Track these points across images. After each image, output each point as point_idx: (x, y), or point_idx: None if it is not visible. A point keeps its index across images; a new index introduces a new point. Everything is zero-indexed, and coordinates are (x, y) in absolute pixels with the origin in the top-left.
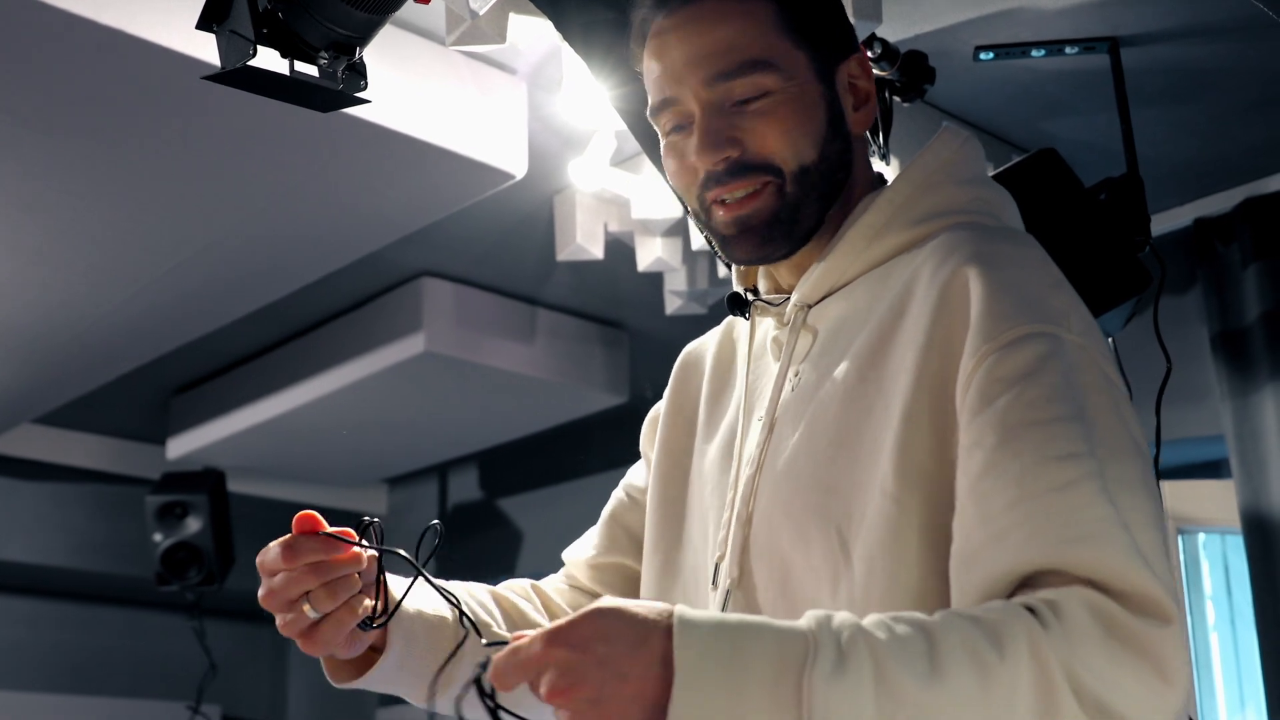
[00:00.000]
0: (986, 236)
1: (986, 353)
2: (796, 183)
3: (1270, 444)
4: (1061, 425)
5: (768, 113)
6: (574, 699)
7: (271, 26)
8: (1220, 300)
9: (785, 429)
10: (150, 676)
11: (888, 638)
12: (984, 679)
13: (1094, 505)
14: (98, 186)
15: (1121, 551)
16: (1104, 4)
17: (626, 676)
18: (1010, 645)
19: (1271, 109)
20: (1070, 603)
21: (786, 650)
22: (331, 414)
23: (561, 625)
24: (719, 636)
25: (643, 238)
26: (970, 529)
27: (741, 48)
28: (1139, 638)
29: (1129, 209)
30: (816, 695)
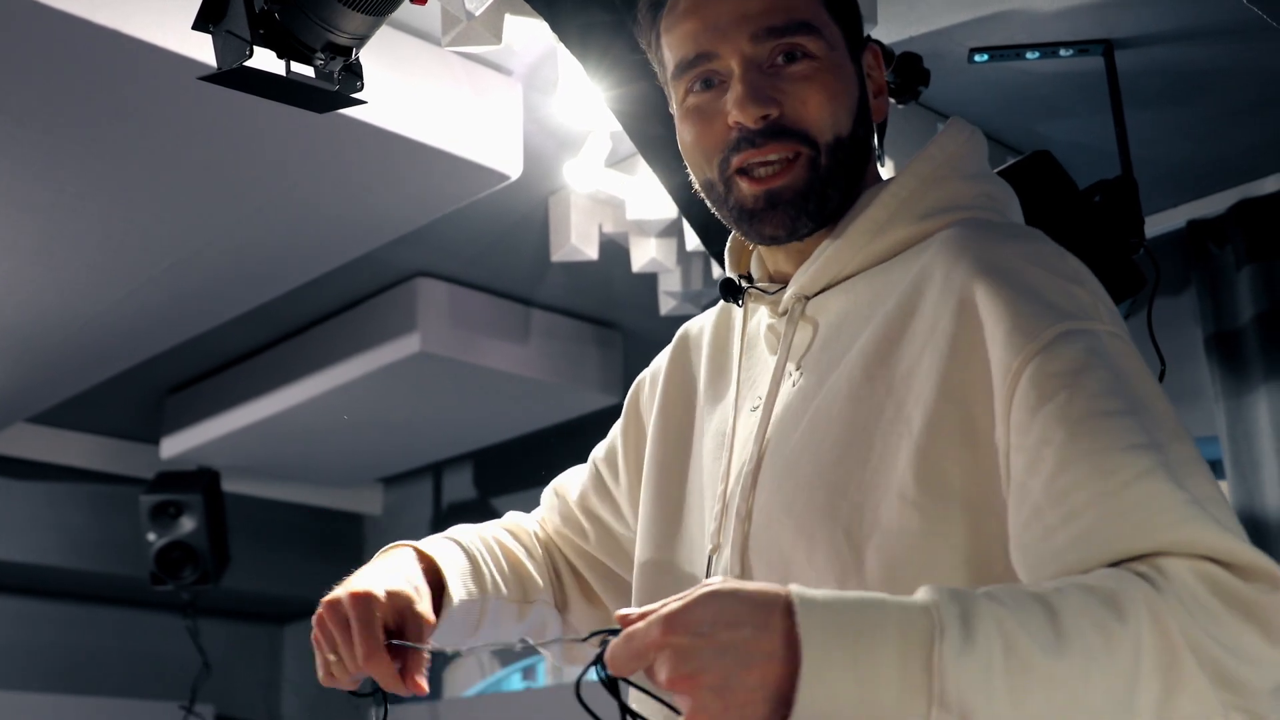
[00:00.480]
0: (997, 236)
1: (1032, 352)
2: (831, 155)
3: (1264, 445)
4: (1123, 417)
5: (810, 77)
6: (698, 687)
7: (268, 27)
8: (1214, 302)
9: (786, 425)
10: (144, 676)
11: (1011, 608)
12: (1108, 644)
13: (1173, 492)
14: (93, 186)
15: (1214, 529)
16: (1098, 6)
17: (751, 662)
18: (1130, 609)
19: (1265, 111)
20: (1180, 570)
21: (911, 627)
22: (326, 414)
23: (678, 609)
24: (842, 615)
25: (637, 239)
26: (1053, 528)
27: (792, 8)
28: (1251, 602)
29: (1123, 211)
30: (948, 672)
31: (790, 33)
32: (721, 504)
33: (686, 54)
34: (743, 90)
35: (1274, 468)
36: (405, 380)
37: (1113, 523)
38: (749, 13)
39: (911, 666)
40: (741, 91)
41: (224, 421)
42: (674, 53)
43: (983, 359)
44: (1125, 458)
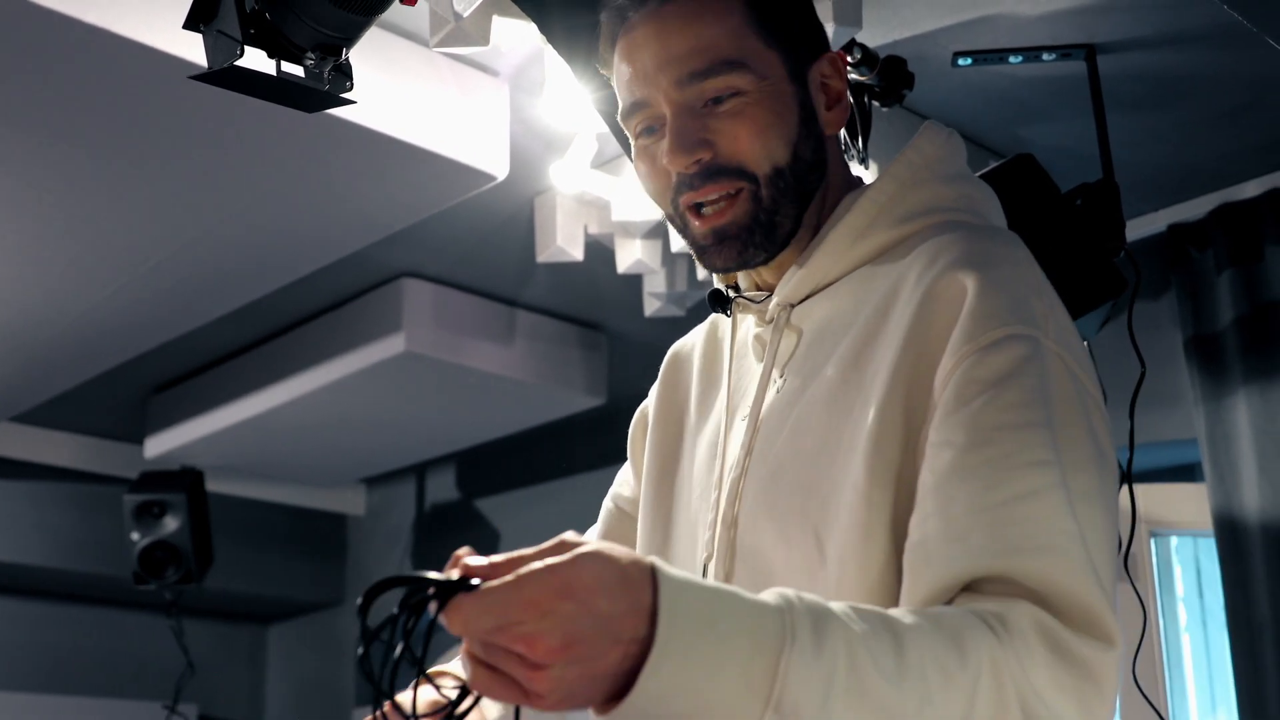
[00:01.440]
0: (975, 236)
1: (967, 353)
2: (771, 185)
3: (1242, 448)
4: (1032, 431)
5: (740, 113)
6: (562, 654)
7: (258, 27)
8: (1194, 305)
9: (771, 431)
10: (127, 676)
11: (861, 630)
12: (946, 683)
13: (1057, 517)
14: (79, 185)
15: (1077, 567)
16: (1081, 11)
17: (621, 638)
18: (972, 655)
19: (1245, 116)
20: (1020, 620)
21: (763, 628)
22: (310, 413)
23: (558, 566)
24: (701, 602)
25: (622, 240)
26: (930, 526)
27: (714, 47)
28: (1083, 660)
29: (1104, 215)
30: (791, 679)
31: (714, 74)
32: (716, 513)
33: (625, 101)
34: (670, 140)
35: (1253, 470)
36: (390, 380)
37: (983, 535)
38: (672, 58)
39: (756, 667)
40: (670, 142)
41: (208, 421)
42: (620, 97)
43: (935, 350)
44: (1016, 474)
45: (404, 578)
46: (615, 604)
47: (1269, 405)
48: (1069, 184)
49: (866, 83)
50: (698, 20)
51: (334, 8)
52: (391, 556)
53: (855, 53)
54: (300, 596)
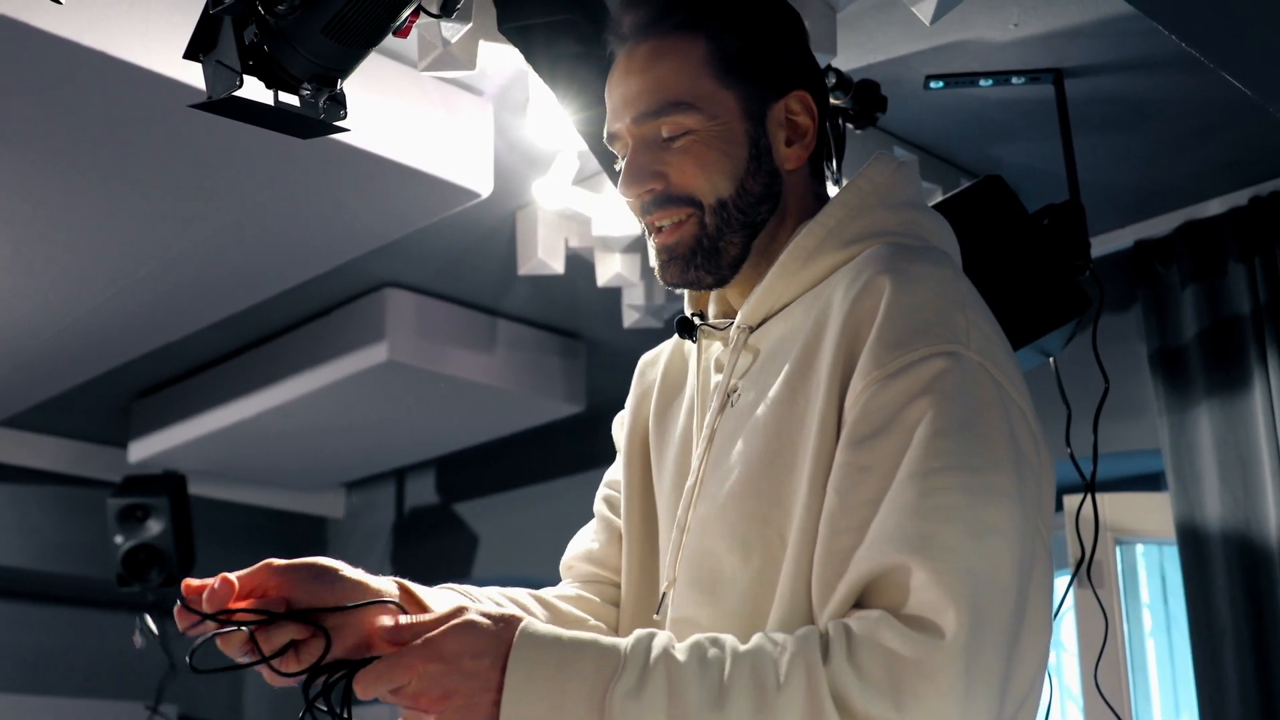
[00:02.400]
0: (901, 254)
1: (873, 380)
2: (714, 214)
3: (1205, 458)
4: (933, 441)
5: (688, 150)
6: (448, 706)
7: (257, 58)
8: (1159, 319)
9: (724, 442)
10: (110, 676)
11: (688, 661)
12: (760, 707)
13: (907, 524)
14: (73, 199)
15: (939, 568)
16: (1049, 37)
17: (490, 685)
18: (791, 676)
19: (1208, 138)
20: (864, 629)
21: (601, 667)
22: (293, 420)
23: (433, 638)
24: (549, 651)
25: (602, 254)
26: (823, 541)
27: (666, 89)
28: (915, 660)
29: (1070, 234)
30: (615, 710)
31: (664, 114)
32: (679, 529)
33: (606, 130)
34: (625, 171)
35: (1214, 480)
36: (373, 388)
37: (865, 548)
38: (631, 97)
39: (592, 703)
40: (624, 173)
41: (192, 426)
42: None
43: (855, 365)
44: (916, 483)
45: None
46: (479, 662)
47: (1230, 417)
48: (1038, 201)
49: (841, 106)
50: (658, 62)
51: (330, 41)
52: (370, 559)
53: (830, 77)
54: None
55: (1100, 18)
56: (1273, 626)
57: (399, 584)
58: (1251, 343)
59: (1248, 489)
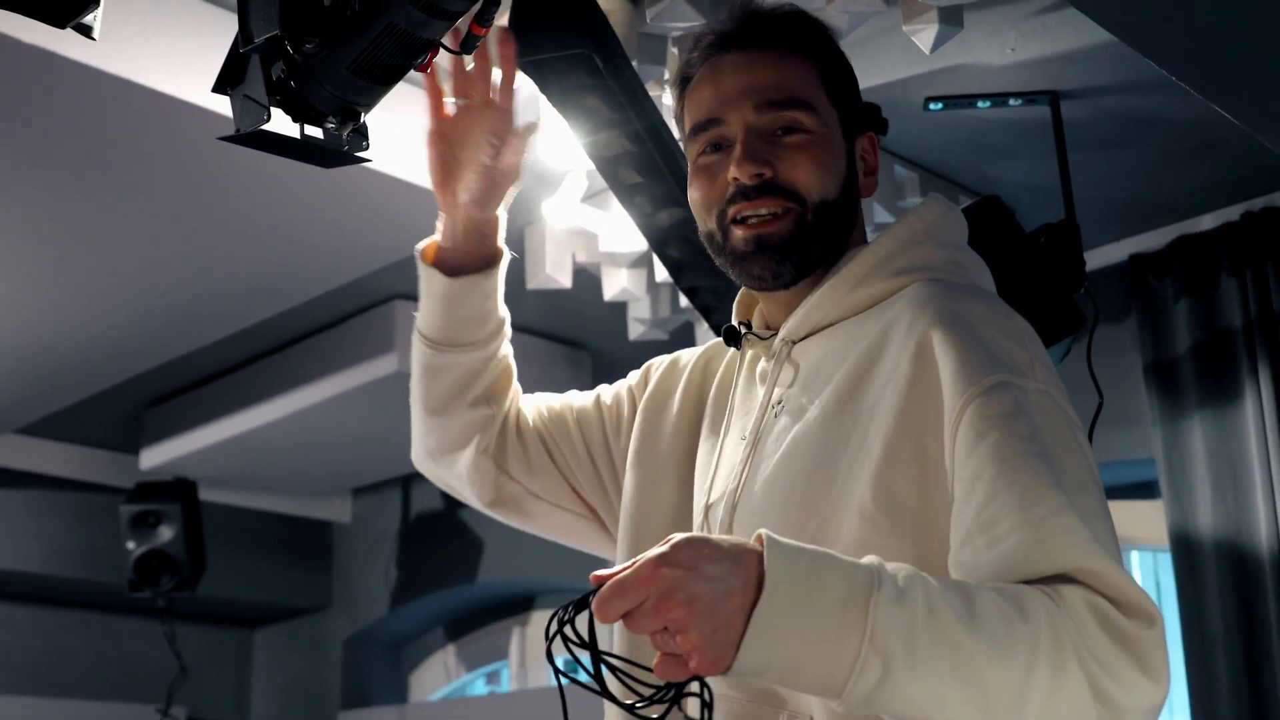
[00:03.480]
0: (956, 294)
1: (971, 396)
2: (817, 213)
3: (1197, 468)
4: (1040, 461)
5: (802, 147)
6: (691, 613)
7: (284, 93)
8: (1153, 331)
9: (767, 451)
10: (122, 679)
11: (937, 585)
12: (1010, 634)
13: (1081, 529)
14: (100, 220)
15: (1113, 567)
16: (1045, 61)
17: (732, 589)
18: (1032, 614)
19: (1199, 156)
20: (1073, 596)
21: (856, 577)
22: (303, 429)
23: (664, 551)
24: (801, 558)
25: (609, 269)
26: (980, 550)
27: (793, 87)
28: (1129, 635)
29: (1066, 253)
30: (880, 615)
31: (789, 107)
32: (704, 518)
33: (699, 118)
34: (741, 151)
35: (1207, 489)
36: (381, 398)
37: (1030, 548)
38: (755, 86)
39: (852, 606)
40: (740, 152)
41: (203, 435)
42: (690, 117)
43: (936, 396)
44: (1043, 495)
45: (573, 603)
46: (718, 565)
47: (1222, 428)
48: (1036, 219)
49: None
50: (783, 63)
51: (354, 77)
52: (376, 564)
53: None
54: (287, 601)
55: (1094, 43)
56: (1263, 633)
57: None
58: (1243, 355)
59: (1239, 498)
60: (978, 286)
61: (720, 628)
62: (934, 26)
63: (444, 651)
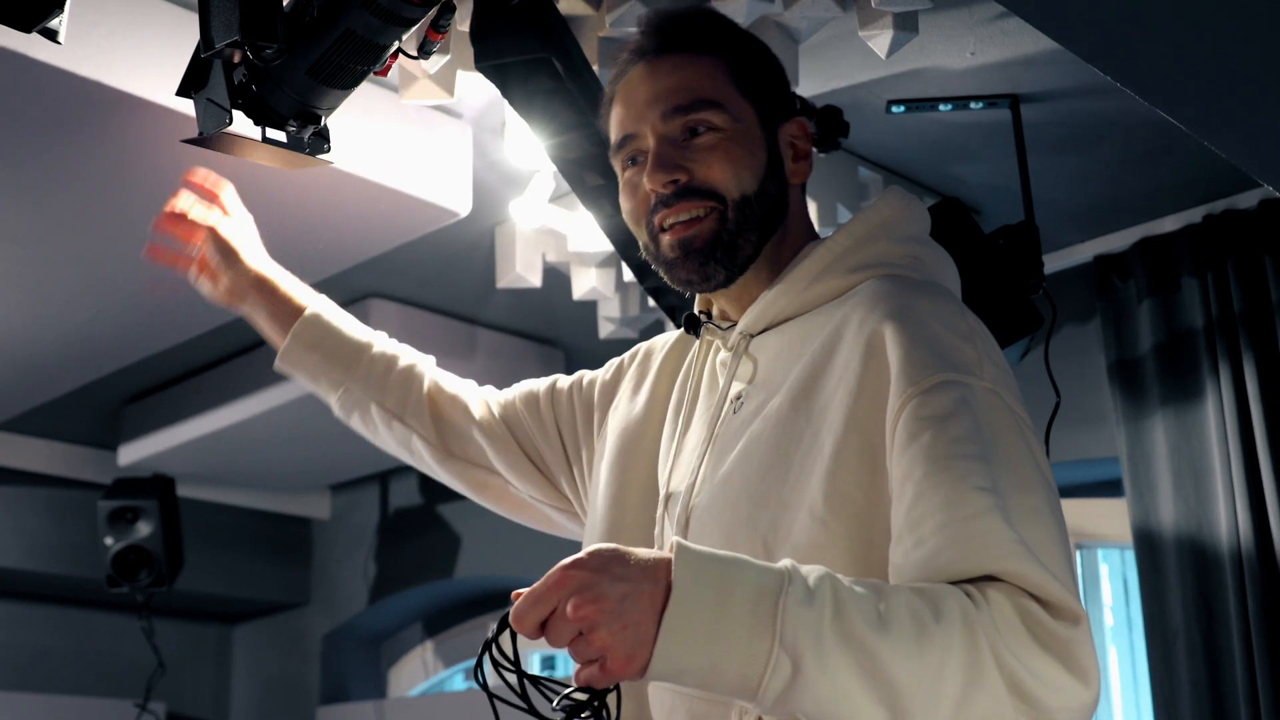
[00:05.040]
0: (908, 290)
1: (911, 395)
2: (737, 210)
3: (1159, 466)
4: (974, 461)
5: (714, 146)
6: (601, 610)
7: (245, 97)
8: (1117, 331)
9: (725, 446)
10: (99, 675)
11: (847, 586)
12: (921, 634)
13: (1006, 531)
14: (72, 218)
15: (1036, 568)
16: (1005, 64)
17: (642, 590)
18: (947, 614)
19: (1161, 158)
20: (998, 597)
21: (766, 579)
22: (280, 426)
23: (575, 557)
24: (711, 562)
25: (578, 268)
26: (907, 550)
27: (696, 88)
28: (1053, 634)
29: (1024, 254)
30: (789, 616)
31: (694, 109)
32: (663, 508)
33: (616, 136)
34: (652, 162)
35: (1168, 487)
36: None
37: (952, 550)
38: (659, 94)
39: (762, 606)
40: (651, 163)
41: (180, 431)
42: (611, 135)
43: (883, 395)
44: (968, 496)
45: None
46: (628, 568)
47: (1184, 427)
48: (998, 219)
49: None
50: (685, 67)
51: (314, 82)
52: (355, 559)
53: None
54: (266, 597)
55: (1054, 46)
56: (1223, 629)
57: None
58: (1205, 355)
59: (1200, 496)
60: (934, 282)
61: (630, 625)
62: (889, 32)
63: (423, 647)
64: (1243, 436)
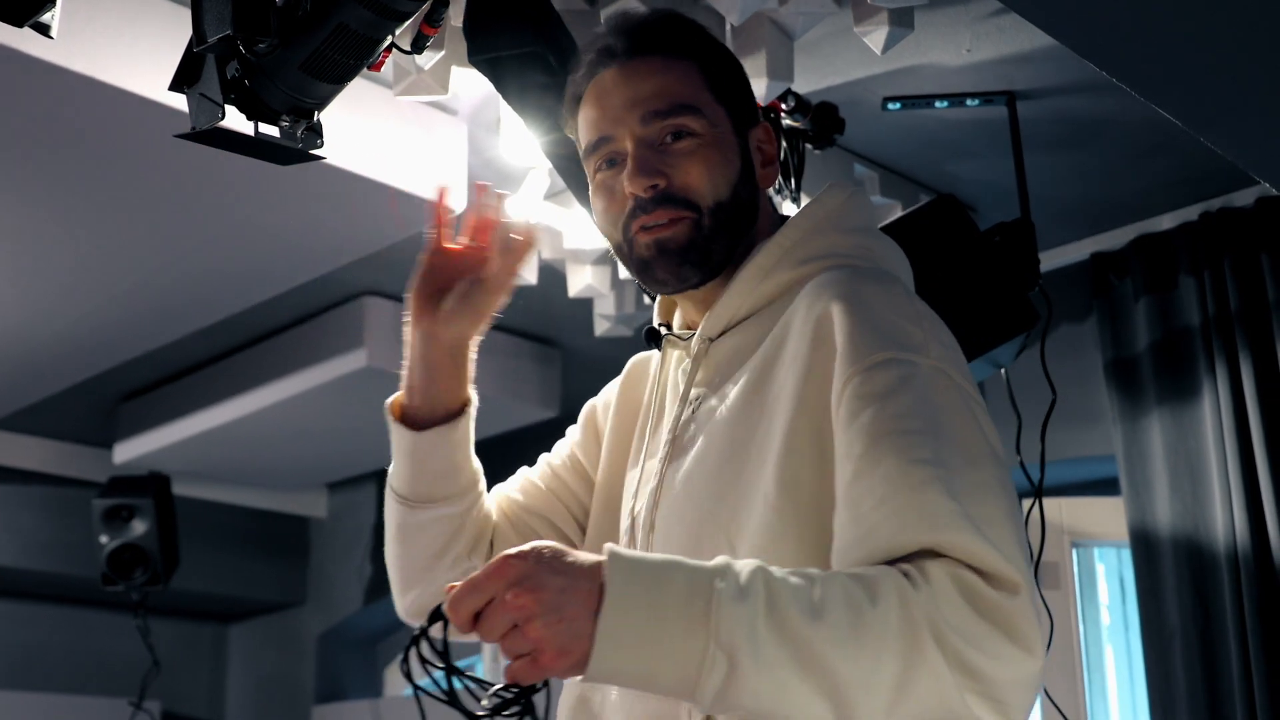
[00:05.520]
0: (856, 277)
1: (852, 374)
2: (712, 217)
3: (1156, 464)
4: (915, 436)
5: (692, 152)
6: (535, 600)
7: (238, 92)
8: (1113, 329)
9: (684, 447)
10: (94, 673)
11: (780, 578)
12: (857, 622)
13: (944, 503)
14: (64, 214)
15: (976, 539)
16: (1001, 62)
17: (579, 586)
18: (883, 597)
19: (1158, 156)
20: (936, 570)
21: (698, 578)
22: (275, 424)
23: (513, 550)
24: (645, 564)
25: (574, 266)
26: (845, 527)
27: (675, 93)
28: (994, 605)
29: (1020, 251)
30: (723, 612)
31: (673, 114)
32: (630, 519)
33: (591, 138)
34: (633, 166)
35: (1165, 486)
36: (352, 393)
37: (890, 525)
38: (638, 99)
39: (695, 604)
40: (632, 167)
41: (176, 429)
42: (583, 137)
43: (829, 377)
44: (908, 470)
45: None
46: (564, 563)
47: (1180, 425)
48: (994, 216)
49: (800, 128)
50: (663, 71)
51: (307, 76)
52: (352, 558)
53: (789, 100)
54: (262, 596)
55: (1050, 43)
56: (1219, 628)
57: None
58: (1201, 353)
59: (1196, 494)
60: (883, 270)
61: (566, 620)
62: (885, 28)
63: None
64: (1239, 434)
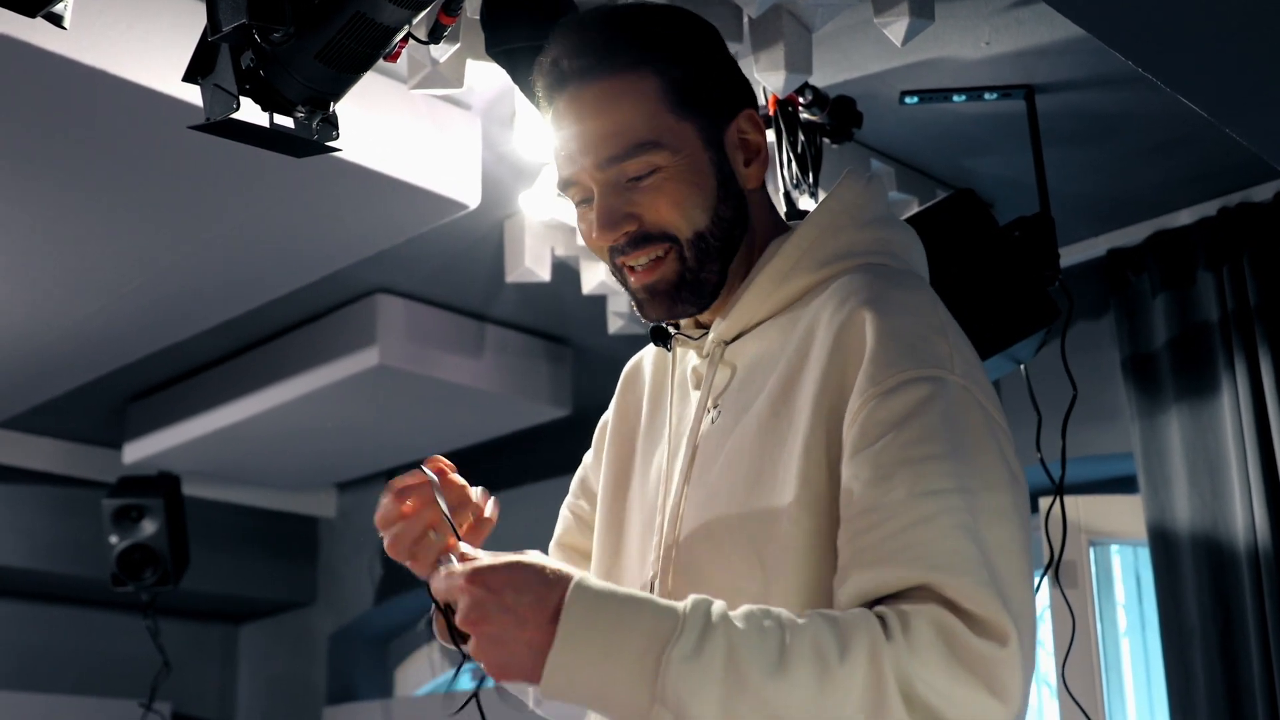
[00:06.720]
0: (879, 282)
1: (870, 396)
2: (693, 248)
3: (1174, 462)
4: (933, 463)
5: (659, 188)
6: (479, 631)
7: (253, 82)
8: (1131, 326)
9: (707, 459)
10: (104, 674)
11: (748, 629)
12: (822, 677)
13: (952, 538)
14: (70, 209)
15: (972, 579)
16: (1020, 55)
17: (525, 623)
18: (853, 649)
19: (1176, 150)
20: (919, 618)
21: (658, 627)
22: (286, 423)
23: (484, 566)
24: (606, 605)
25: (587, 262)
26: (847, 558)
27: (629, 131)
28: (977, 655)
29: (1040, 246)
30: (671, 673)
31: (630, 156)
32: (659, 535)
33: (559, 175)
34: (597, 218)
35: (1184, 484)
36: (364, 392)
37: (889, 559)
38: (590, 143)
39: (645, 662)
40: (597, 220)
41: (186, 429)
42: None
43: (849, 390)
44: (917, 502)
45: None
46: (521, 597)
47: (1199, 422)
48: (1012, 211)
49: (817, 122)
50: (613, 105)
51: (323, 66)
52: (361, 558)
53: (806, 94)
54: (272, 596)
55: (1069, 36)
56: (1239, 626)
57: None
58: (1219, 349)
59: (1215, 492)
60: (905, 271)
61: (505, 655)
62: (905, 19)
63: (429, 647)
64: (1259, 431)
